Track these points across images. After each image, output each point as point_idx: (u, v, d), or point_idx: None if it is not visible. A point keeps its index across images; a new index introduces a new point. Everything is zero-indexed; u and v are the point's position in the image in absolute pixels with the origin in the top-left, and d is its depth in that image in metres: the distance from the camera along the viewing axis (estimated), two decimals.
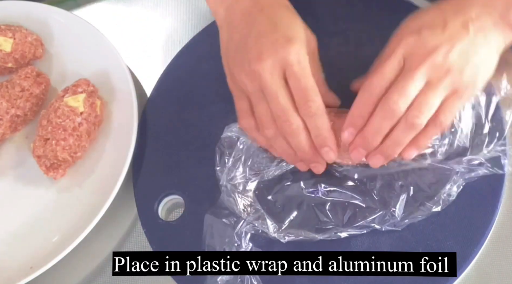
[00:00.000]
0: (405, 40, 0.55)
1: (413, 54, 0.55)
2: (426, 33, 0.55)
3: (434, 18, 0.56)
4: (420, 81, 0.54)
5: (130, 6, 0.82)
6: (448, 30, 0.55)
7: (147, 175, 0.68)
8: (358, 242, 0.60)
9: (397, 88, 0.54)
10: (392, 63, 0.55)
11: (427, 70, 0.54)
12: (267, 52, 0.56)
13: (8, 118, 0.70)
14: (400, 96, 0.54)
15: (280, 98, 0.56)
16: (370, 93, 0.56)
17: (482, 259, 0.59)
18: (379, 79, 0.55)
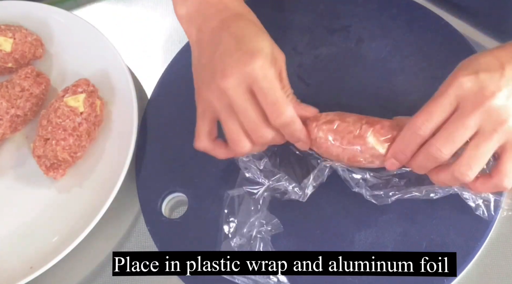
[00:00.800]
0: (460, 81, 0.51)
1: (468, 97, 0.51)
2: (484, 76, 0.51)
3: (490, 62, 0.52)
4: (471, 129, 0.51)
5: (130, 6, 0.82)
6: (506, 75, 0.51)
7: (150, 173, 0.68)
8: (362, 237, 0.60)
9: (444, 134, 0.51)
10: (443, 104, 0.52)
11: (482, 117, 0.50)
12: (231, 69, 0.55)
13: (8, 118, 0.70)
14: (445, 144, 0.51)
15: (249, 112, 0.55)
16: (413, 133, 0.53)
17: (482, 259, 0.59)
18: (424, 120, 0.52)
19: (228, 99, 0.56)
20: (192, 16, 0.61)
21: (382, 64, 0.67)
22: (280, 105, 0.55)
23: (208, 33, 0.59)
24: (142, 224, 0.68)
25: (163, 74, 0.73)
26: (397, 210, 0.60)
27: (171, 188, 0.67)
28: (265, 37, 0.58)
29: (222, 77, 0.55)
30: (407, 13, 0.68)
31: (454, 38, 0.67)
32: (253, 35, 0.58)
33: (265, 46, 0.57)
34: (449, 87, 0.52)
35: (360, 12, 0.70)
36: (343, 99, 0.66)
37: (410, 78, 0.66)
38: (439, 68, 0.65)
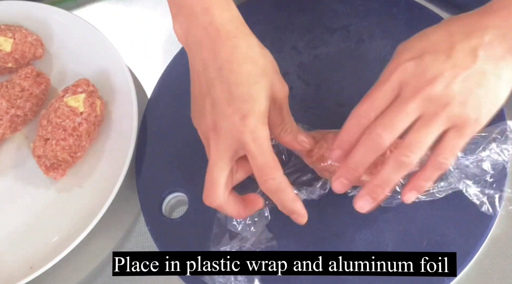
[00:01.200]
0: (404, 65, 0.50)
1: (409, 82, 0.50)
2: (427, 58, 0.50)
3: (440, 40, 0.51)
4: (412, 114, 0.50)
5: (130, 6, 0.82)
6: (453, 57, 0.50)
7: (150, 172, 0.68)
8: (362, 236, 0.60)
9: (384, 120, 0.50)
10: (385, 90, 0.51)
11: (422, 102, 0.49)
12: (220, 124, 0.53)
13: (8, 118, 0.70)
14: (385, 129, 0.50)
15: (214, 171, 0.54)
16: (357, 120, 0.52)
17: (482, 259, 0.59)
18: (368, 106, 0.51)
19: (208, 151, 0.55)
20: (185, 34, 0.57)
21: (382, 63, 0.66)
22: (268, 170, 0.53)
23: (199, 64, 0.55)
24: (142, 224, 0.68)
25: (163, 74, 0.73)
26: (397, 209, 0.60)
27: (171, 188, 0.66)
28: (261, 81, 0.54)
29: (213, 131, 0.54)
30: (407, 12, 0.68)
31: None
32: (247, 84, 0.53)
33: (259, 98, 0.53)
34: (393, 72, 0.51)
35: (360, 12, 0.70)
36: (343, 99, 0.66)
37: None
38: None
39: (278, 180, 0.53)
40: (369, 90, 0.53)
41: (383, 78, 0.52)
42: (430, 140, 0.50)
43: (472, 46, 0.50)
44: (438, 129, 0.50)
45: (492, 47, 0.50)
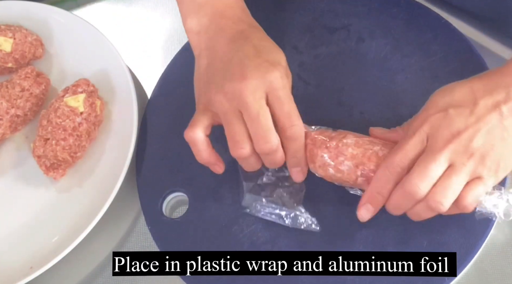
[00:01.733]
0: (431, 118, 0.54)
1: (437, 134, 0.53)
2: (453, 113, 0.53)
3: (463, 96, 0.54)
4: (442, 164, 0.53)
5: (130, 6, 0.82)
6: (476, 112, 0.53)
7: (150, 172, 0.68)
8: (362, 236, 0.60)
9: (418, 170, 0.53)
10: (416, 141, 0.54)
11: (450, 154, 0.52)
12: (250, 73, 0.56)
13: (8, 118, 0.70)
14: (421, 180, 0.53)
15: (261, 118, 0.56)
16: (390, 172, 0.54)
17: (482, 259, 0.59)
18: (400, 158, 0.54)
19: (240, 102, 0.56)
20: (204, 26, 0.62)
21: (382, 63, 0.67)
22: (295, 116, 0.57)
23: (223, 41, 0.60)
24: (142, 224, 0.68)
25: (163, 74, 0.73)
26: None
27: (171, 188, 0.66)
28: (281, 51, 0.60)
29: (240, 79, 0.56)
30: (407, 12, 0.68)
31: (454, 37, 0.67)
32: (271, 48, 0.60)
33: (283, 60, 0.59)
34: (421, 125, 0.54)
35: (360, 11, 0.70)
36: (343, 98, 0.66)
37: (410, 77, 0.66)
38: (439, 67, 0.65)
39: (300, 127, 0.57)
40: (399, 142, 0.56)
41: (411, 130, 0.55)
42: (460, 186, 0.53)
43: (494, 103, 0.53)
44: (465, 178, 0.53)
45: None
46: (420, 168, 0.53)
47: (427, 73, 0.65)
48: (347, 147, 0.57)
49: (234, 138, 0.57)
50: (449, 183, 0.53)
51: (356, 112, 0.65)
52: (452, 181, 0.52)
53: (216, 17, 0.62)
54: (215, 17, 0.62)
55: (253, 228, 0.62)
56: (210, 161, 0.60)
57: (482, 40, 0.69)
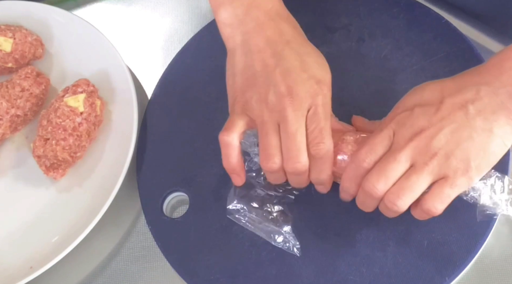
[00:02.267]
0: (398, 116, 0.54)
1: (400, 133, 0.53)
2: (417, 111, 0.53)
3: (432, 95, 0.54)
4: (403, 163, 0.52)
5: (130, 6, 0.82)
6: (441, 111, 0.52)
7: (151, 172, 0.68)
8: (363, 235, 0.60)
9: (377, 170, 0.53)
10: (382, 138, 0.54)
11: (411, 153, 0.52)
12: (296, 89, 0.56)
13: (8, 118, 0.70)
14: (378, 179, 0.52)
15: (298, 137, 0.55)
16: (356, 167, 0.55)
17: (482, 259, 0.59)
18: (366, 154, 0.54)
19: (281, 116, 0.56)
20: (239, 19, 0.60)
21: (382, 63, 0.67)
22: (325, 134, 0.56)
23: (262, 41, 0.59)
24: (142, 224, 0.68)
25: (163, 74, 0.73)
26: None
27: (172, 188, 0.66)
28: (324, 61, 0.60)
29: (287, 95, 0.56)
30: (408, 12, 0.68)
31: (455, 37, 0.67)
32: (316, 58, 0.59)
33: (327, 73, 0.59)
34: (388, 123, 0.54)
35: (361, 11, 0.70)
36: (343, 98, 0.66)
37: (410, 77, 0.66)
38: (440, 66, 0.65)
39: (328, 147, 0.56)
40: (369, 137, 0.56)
41: (380, 127, 0.55)
42: (420, 187, 0.52)
43: (461, 101, 0.52)
44: (428, 178, 0.52)
45: (482, 102, 0.52)
46: (379, 167, 0.53)
47: (428, 73, 0.65)
48: (346, 144, 0.57)
49: (267, 150, 0.57)
50: (406, 184, 0.52)
51: (356, 112, 0.65)
52: (410, 181, 0.52)
53: (252, 9, 0.60)
54: (251, 9, 0.60)
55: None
56: (236, 168, 0.60)
57: (482, 40, 0.69)
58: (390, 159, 0.53)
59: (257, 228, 0.61)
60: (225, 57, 0.62)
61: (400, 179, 0.52)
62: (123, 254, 0.67)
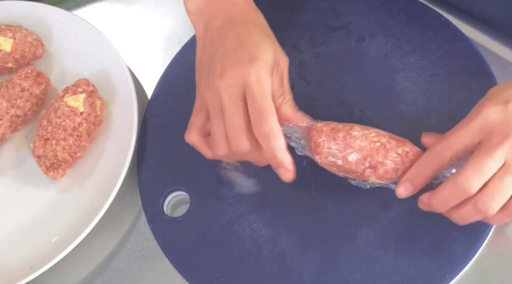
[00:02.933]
0: (488, 110, 0.51)
1: (494, 128, 0.50)
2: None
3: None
4: (498, 161, 0.49)
5: (130, 6, 0.82)
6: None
7: (151, 172, 0.68)
8: (364, 234, 0.60)
9: (472, 165, 0.50)
10: (467, 132, 0.51)
11: (507, 150, 0.49)
12: (229, 69, 0.55)
13: (8, 118, 0.70)
14: (474, 175, 0.50)
15: (234, 118, 0.55)
16: (435, 157, 0.53)
17: (482, 259, 0.59)
18: (448, 146, 0.52)
19: (220, 101, 0.56)
20: (201, 10, 0.61)
21: (382, 62, 0.67)
22: (265, 112, 0.54)
23: (215, 30, 0.60)
24: (142, 223, 0.68)
25: (163, 74, 0.73)
26: (399, 206, 0.60)
27: (172, 187, 0.66)
28: (268, 41, 0.58)
29: (219, 77, 0.56)
30: (408, 11, 0.69)
31: (455, 36, 0.67)
32: (257, 39, 0.58)
33: (267, 51, 0.57)
34: (476, 117, 0.51)
35: (361, 10, 0.70)
36: (344, 97, 0.66)
37: (410, 76, 0.66)
38: (440, 65, 0.65)
39: (272, 125, 0.54)
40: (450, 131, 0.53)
41: (465, 121, 0.52)
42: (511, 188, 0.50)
43: None
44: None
45: None
46: (474, 162, 0.50)
47: (428, 71, 0.65)
48: (355, 139, 0.57)
49: (214, 137, 0.57)
50: (502, 184, 0.50)
51: (356, 111, 0.65)
52: (505, 182, 0.49)
53: (212, 1, 0.61)
54: (212, 1, 0.61)
55: (254, 227, 0.62)
56: (215, 158, 0.61)
57: (482, 39, 0.69)
58: (485, 155, 0.50)
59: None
60: None
61: (494, 178, 0.50)
62: (123, 254, 0.67)
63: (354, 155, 0.57)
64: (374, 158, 0.57)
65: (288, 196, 0.62)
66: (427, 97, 0.63)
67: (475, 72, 0.64)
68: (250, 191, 0.64)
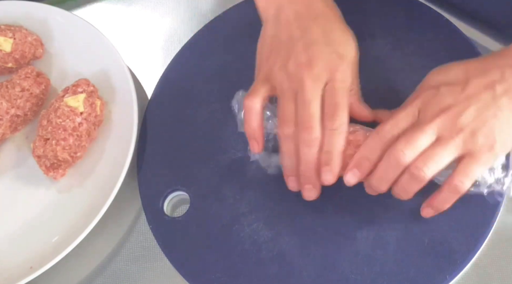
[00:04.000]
0: (423, 94, 0.55)
1: (426, 109, 0.54)
2: (444, 89, 0.54)
3: (457, 75, 0.55)
4: (430, 135, 0.53)
5: (130, 6, 0.82)
6: (467, 90, 0.54)
7: (151, 172, 0.68)
8: (364, 234, 0.60)
9: (405, 137, 0.54)
10: (407, 113, 0.55)
11: (438, 127, 0.53)
12: (317, 61, 0.58)
13: (8, 118, 0.70)
14: (406, 146, 0.53)
15: (312, 105, 0.57)
16: (379, 138, 0.55)
17: (482, 259, 0.59)
18: (390, 126, 0.55)
19: (299, 86, 0.57)
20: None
21: (383, 62, 0.67)
22: (340, 108, 0.57)
23: (291, 14, 0.61)
24: (142, 223, 0.68)
25: (163, 74, 0.73)
26: (399, 206, 0.60)
27: (172, 187, 0.66)
28: (351, 38, 0.61)
29: (306, 66, 0.58)
30: (408, 11, 0.69)
31: (455, 36, 0.67)
32: (341, 34, 0.61)
33: (352, 50, 0.60)
34: (414, 99, 0.55)
35: (361, 10, 0.70)
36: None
37: (411, 76, 0.65)
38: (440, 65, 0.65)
39: (342, 120, 0.57)
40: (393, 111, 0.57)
41: (405, 103, 0.56)
42: (445, 158, 0.53)
43: (487, 82, 0.54)
44: (453, 152, 0.53)
45: (507, 83, 0.54)
46: (406, 136, 0.54)
47: (428, 72, 0.65)
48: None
49: (283, 117, 0.58)
50: (433, 153, 0.53)
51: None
52: (436, 151, 0.53)
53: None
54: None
55: (254, 227, 0.62)
56: (256, 133, 0.61)
57: (482, 39, 0.69)
58: (417, 130, 0.53)
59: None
60: (226, 55, 0.62)
61: (426, 149, 0.53)
62: (123, 254, 0.67)
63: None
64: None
65: (288, 196, 0.62)
66: None
67: None
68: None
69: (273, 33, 0.62)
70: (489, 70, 0.55)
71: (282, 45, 0.60)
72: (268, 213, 0.63)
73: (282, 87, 0.59)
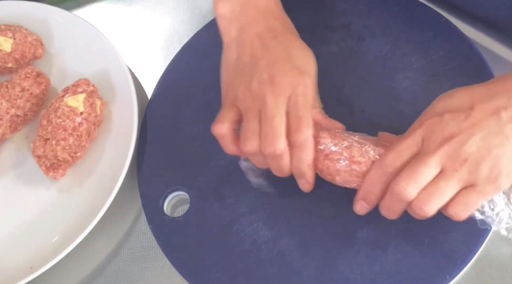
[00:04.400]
0: (427, 121, 0.53)
1: (430, 138, 0.52)
2: (447, 117, 0.52)
3: (461, 101, 0.53)
4: (433, 168, 0.52)
5: (130, 6, 0.82)
6: (472, 117, 0.51)
7: (151, 172, 0.68)
8: (364, 234, 0.60)
9: (408, 173, 0.52)
10: (410, 143, 0.53)
11: (441, 158, 0.51)
12: (278, 77, 0.58)
13: (8, 118, 0.70)
14: (409, 183, 0.52)
15: (275, 121, 0.56)
16: (382, 172, 0.54)
17: (482, 259, 0.59)
18: (393, 158, 0.54)
19: (262, 103, 0.57)
20: (236, 15, 0.63)
21: (382, 61, 0.67)
22: (304, 123, 0.57)
23: (253, 36, 0.61)
24: (142, 223, 0.68)
25: (163, 74, 0.73)
26: None
27: (172, 187, 0.66)
28: (311, 54, 0.62)
29: (268, 83, 0.58)
30: (408, 10, 0.69)
31: (455, 36, 0.67)
32: (301, 51, 0.61)
33: (312, 65, 0.61)
34: (417, 128, 0.54)
35: (361, 10, 0.70)
36: (344, 97, 0.66)
37: (410, 76, 0.66)
38: (440, 65, 0.65)
39: (307, 135, 0.57)
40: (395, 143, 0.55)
41: (409, 131, 0.55)
42: (448, 193, 0.52)
43: (493, 107, 0.52)
44: (457, 185, 0.52)
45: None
46: (409, 170, 0.52)
47: (428, 71, 0.65)
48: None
49: (246, 134, 0.58)
50: (436, 189, 0.52)
51: (357, 111, 0.65)
52: (439, 186, 0.52)
53: (248, 6, 0.63)
54: (248, 6, 0.63)
55: (254, 227, 0.62)
56: (236, 154, 0.61)
57: (482, 39, 0.69)
58: (420, 163, 0.52)
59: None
60: None
61: (429, 184, 0.52)
62: (123, 254, 0.67)
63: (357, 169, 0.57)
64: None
65: (288, 196, 0.62)
66: (427, 97, 0.62)
67: (475, 72, 0.64)
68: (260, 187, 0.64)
69: (236, 56, 0.62)
70: (495, 95, 0.52)
71: (246, 67, 0.60)
72: (268, 213, 0.63)
73: (246, 106, 0.58)
